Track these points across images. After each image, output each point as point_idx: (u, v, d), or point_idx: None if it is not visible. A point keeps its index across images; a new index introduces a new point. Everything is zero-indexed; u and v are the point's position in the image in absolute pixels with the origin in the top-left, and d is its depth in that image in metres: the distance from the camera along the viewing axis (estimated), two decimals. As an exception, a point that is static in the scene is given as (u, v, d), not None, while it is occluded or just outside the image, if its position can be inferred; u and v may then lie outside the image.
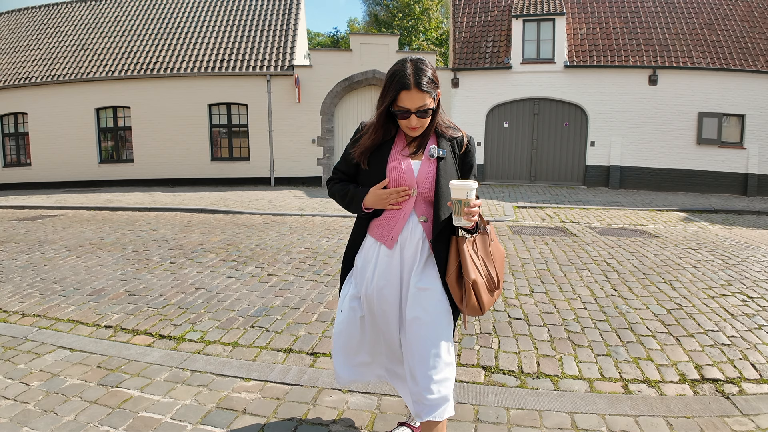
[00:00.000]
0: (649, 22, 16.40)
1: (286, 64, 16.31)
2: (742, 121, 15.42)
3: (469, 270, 1.96)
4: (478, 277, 2.00)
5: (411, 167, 2.04)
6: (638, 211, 11.25)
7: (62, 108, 16.80)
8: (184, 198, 13.13)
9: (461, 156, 2.12)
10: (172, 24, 18.16)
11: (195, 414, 2.73)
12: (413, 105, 1.90)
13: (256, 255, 6.56)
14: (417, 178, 2.02)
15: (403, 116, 1.94)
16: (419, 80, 1.88)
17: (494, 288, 2.07)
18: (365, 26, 39.70)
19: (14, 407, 2.80)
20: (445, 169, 2.02)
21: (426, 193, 2.03)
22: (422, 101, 1.90)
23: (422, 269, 2.06)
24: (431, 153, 2.03)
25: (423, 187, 2.02)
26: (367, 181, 2.08)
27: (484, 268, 2.05)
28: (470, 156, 2.14)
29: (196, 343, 3.75)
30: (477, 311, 2.03)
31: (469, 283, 1.97)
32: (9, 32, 19.54)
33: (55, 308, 4.55)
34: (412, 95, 1.88)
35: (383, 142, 2.07)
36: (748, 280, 5.44)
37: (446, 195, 1.98)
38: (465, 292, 2.00)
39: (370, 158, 2.07)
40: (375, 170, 2.05)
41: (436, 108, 2.02)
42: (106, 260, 6.36)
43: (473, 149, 2.16)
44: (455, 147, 2.10)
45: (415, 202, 2.05)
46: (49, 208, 11.77)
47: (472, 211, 1.86)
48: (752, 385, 3.11)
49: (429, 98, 1.92)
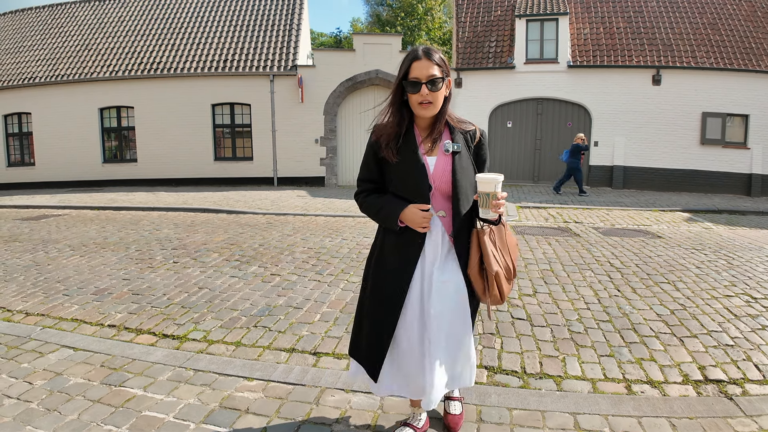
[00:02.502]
0: (653, 21, 16.35)
1: (289, 64, 16.32)
2: (746, 121, 15.37)
3: (491, 262, 2.05)
4: (500, 269, 2.07)
5: (427, 162, 2.10)
6: (641, 211, 11.22)
7: (66, 108, 16.85)
8: (187, 198, 13.15)
9: (475, 149, 2.18)
10: (176, 24, 18.20)
11: (198, 413, 2.74)
12: (423, 74, 1.98)
13: (260, 255, 6.57)
14: (432, 174, 2.09)
15: (415, 89, 2.00)
16: (428, 51, 2.02)
17: (511, 277, 2.15)
18: (368, 26, 39.69)
19: (18, 406, 2.81)
20: (461, 163, 2.10)
21: (443, 188, 2.09)
22: (431, 71, 1.98)
23: (443, 263, 2.15)
24: (446, 148, 2.09)
25: (439, 182, 2.09)
26: (403, 176, 2.11)
27: (503, 259, 2.12)
28: (484, 149, 2.21)
29: (199, 342, 3.76)
30: (498, 301, 2.12)
31: (492, 275, 2.05)
32: (13, 32, 19.61)
33: (59, 307, 4.56)
34: (422, 64, 1.99)
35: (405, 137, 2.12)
36: (751, 280, 5.42)
37: (464, 189, 2.08)
38: (488, 283, 2.08)
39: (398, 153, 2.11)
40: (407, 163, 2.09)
41: (447, 96, 2.10)
42: (110, 260, 6.38)
43: (486, 142, 2.23)
44: (468, 140, 2.16)
45: (432, 198, 2.09)
46: (52, 207, 11.81)
47: (499, 203, 1.97)
48: (755, 386, 3.10)
49: (438, 70, 2.00)
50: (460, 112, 13.84)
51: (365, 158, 2.22)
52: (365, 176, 2.25)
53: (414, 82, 2.00)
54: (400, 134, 2.12)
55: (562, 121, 16.20)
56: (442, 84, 2.03)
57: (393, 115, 2.13)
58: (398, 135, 2.11)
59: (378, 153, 2.15)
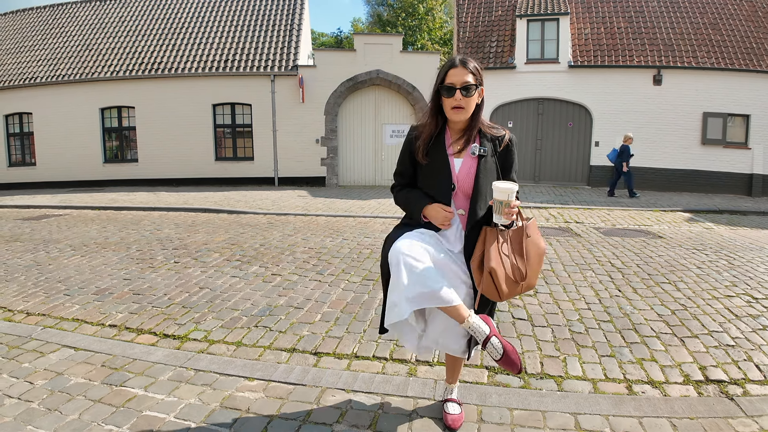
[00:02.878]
0: (654, 21, 16.34)
1: (290, 64, 16.33)
2: (747, 122, 15.36)
3: (490, 258, 2.15)
4: (499, 267, 2.15)
5: (454, 163, 2.29)
6: (642, 211, 11.22)
7: (67, 108, 16.87)
8: (188, 198, 13.16)
9: (502, 153, 2.32)
10: (177, 24, 18.21)
11: (199, 413, 2.74)
12: (458, 80, 2.16)
13: (260, 255, 6.57)
14: (457, 175, 2.27)
15: (449, 93, 2.18)
16: (465, 60, 2.20)
17: (519, 280, 2.20)
18: (369, 26, 39.69)
19: (18, 406, 2.81)
20: (485, 167, 2.26)
21: (465, 188, 2.27)
22: (466, 78, 2.16)
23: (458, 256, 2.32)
24: (473, 151, 2.26)
25: (463, 182, 2.27)
26: (430, 174, 2.31)
27: (512, 261, 2.21)
28: (511, 154, 2.34)
29: (200, 342, 3.76)
30: (494, 297, 2.20)
31: (487, 270, 2.15)
32: (14, 32, 19.63)
33: (60, 307, 4.56)
34: (457, 71, 2.17)
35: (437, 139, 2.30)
36: (752, 280, 5.41)
37: (483, 192, 2.25)
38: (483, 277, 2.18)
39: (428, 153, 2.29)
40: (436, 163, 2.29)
41: (480, 103, 2.27)
42: (111, 260, 6.38)
43: (515, 147, 2.36)
44: (497, 145, 2.30)
45: (455, 196, 2.29)
46: (53, 207, 11.82)
47: (512, 211, 2.11)
48: (756, 386, 3.10)
49: (472, 78, 2.18)
50: (461, 112, 13.81)
51: (401, 154, 2.43)
52: (399, 170, 2.46)
53: (449, 88, 2.17)
54: (432, 136, 2.30)
55: (563, 121, 16.20)
56: (474, 91, 2.18)
57: (430, 118, 2.31)
58: (431, 136, 2.30)
59: (412, 151, 2.34)
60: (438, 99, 2.26)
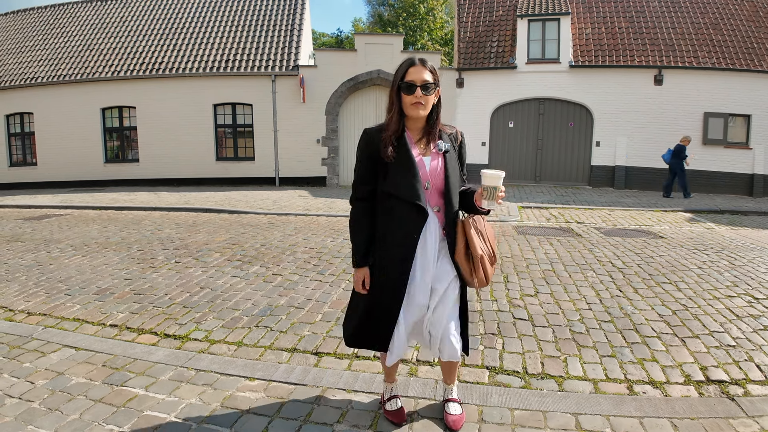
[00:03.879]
0: (655, 21, 16.33)
1: (291, 64, 16.33)
2: (748, 122, 15.34)
3: (476, 247, 2.30)
4: (483, 253, 2.32)
5: (423, 162, 2.33)
6: (643, 211, 11.21)
7: (68, 108, 16.88)
8: (189, 198, 13.16)
9: (458, 148, 2.46)
10: (178, 24, 18.21)
11: (199, 413, 2.74)
12: (418, 77, 2.24)
13: (261, 255, 6.57)
14: (429, 173, 2.32)
15: (410, 90, 2.24)
16: (423, 60, 2.31)
17: (493, 262, 2.39)
18: (370, 26, 39.69)
19: (19, 405, 2.81)
20: (451, 162, 2.37)
21: (437, 185, 2.34)
22: (425, 76, 2.25)
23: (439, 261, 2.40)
24: (440, 147, 2.33)
25: (435, 180, 2.33)
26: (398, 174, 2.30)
27: (485, 245, 2.37)
28: (464, 147, 2.51)
29: (200, 342, 3.77)
30: (483, 283, 2.35)
31: (478, 258, 2.30)
32: (15, 32, 19.64)
33: (61, 307, 4.57)
34: (417, 69, 2.26)
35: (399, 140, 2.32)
36: (753, 281, 5.41)
37: (455, 186, 2.35)
38: (474, 266, 2.32)
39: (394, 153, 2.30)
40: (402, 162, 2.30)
41: (437, 103, 2.35)
42: (112, 259, 6.39)
43: (465, 141, 2.53)
44: (453, 141, 2.43)
45: (428, 194, 2.33)
46: (54, 207, 11.83)
47: (501, 195, 2.19)
48: (757, 386, 3.10)
49: (431, 77, 2.27)
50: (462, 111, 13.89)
51: (358, 160, 2.41)
52: (359, 177, 2.43)
53: (410, 85, 2.25)
54: (398, 131, 2.32)
55: (564, 121, 16.19)
56: (433, 90, 2.28)
57: (393, 115, 2.32)
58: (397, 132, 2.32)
59: (373, 153, 2.33)
60: (398, 97, 2.31)
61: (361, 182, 2.42)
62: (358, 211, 2.45)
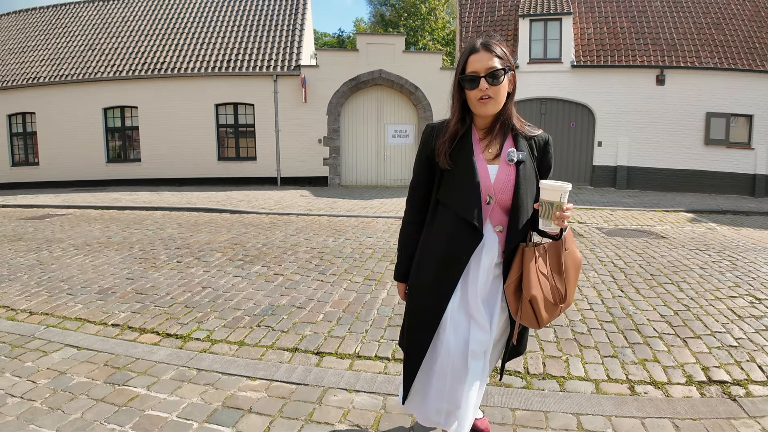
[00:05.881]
0: (657, 21, 16.31)
1: (292, 64, 16.34)
2: (750, 122, 15.32)
3: (530, 285, 1.84)
4: (538, 292, 1.85)
5: (487, 171, 1.88)
6: (645, 211, 11.19)
7: (70, 108, 16.90)
8: (191, 197, 13.17)
9: (539, 157, 1.97)
10: (180, 24, 18.23)
11: (201, 412, 2.74)
12: (482, 66, 1.79)
13: (263, 254, 6.58)
14: (494, 185, 1.86)
15: (473, 84, 1.81)
16: (487, 44, 1.83)
17: (558, 302, 1.90)
18: (371, 26, 39.70)
19: (21, 405, 2.82)
20: (525, 174, 1.87)
21: (503, 201, 1.87)
22: (491, 62, 1.79)
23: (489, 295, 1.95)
24: (510, 157, 1.87)
25: (501, 194, 1.86)
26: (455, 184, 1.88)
27: (551, 281, 1.89)
28: (549, 157, 2.00)
29: (202, 341, 3.77)
30: (533, 325, 1.91)
31: (527, 298, 1.85)
32: (17, 32, 19.67)
33: (63, 307, 4.57)
34: (480, 57, 1.81)
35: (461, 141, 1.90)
36: (755, 281, 5.40)
37: (525, 203, 1.86)
38: (521, 306, 1.88)
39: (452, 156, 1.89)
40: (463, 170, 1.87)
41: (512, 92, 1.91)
42: (114, 259, 6.39)
43: (552, 149, 2.02)
44: (534, 147, 1.95)
45: (492, 210, 1.88)
46: (56, 207, 11.84)
47: (564, 215, 1.73)
48: (759, 387, 3.09)
49: (499, 62, 1.80)
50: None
51: (417, 160, 2.03)
52: (414, 184, 2.05)
53: (472, 78, 1.81)
54: (457, 135, 1.90)
55: (566, 121, 16.18)
56: (503, 77, 1.82)
57: (454, 114, 1.92)
58: (455, 136, 1.90)
59: (430, 154, 1.96)
60: (461, 93, 1.89)
61: (414, 186, 2.04)
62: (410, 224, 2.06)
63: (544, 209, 1.74)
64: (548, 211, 1.73)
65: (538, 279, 1.85)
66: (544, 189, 1.75)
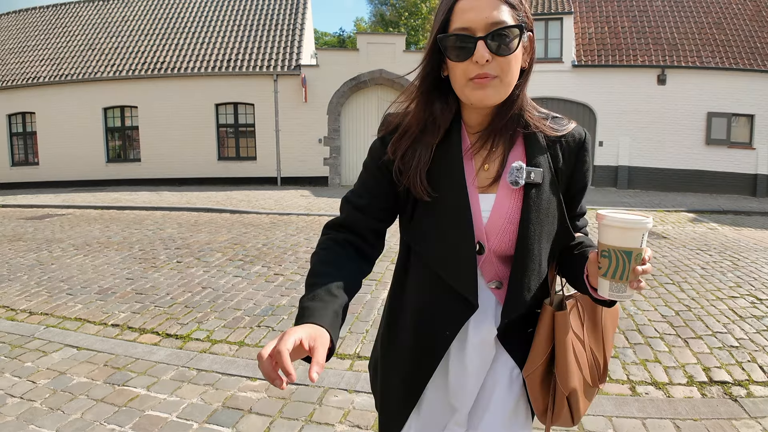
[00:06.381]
0: (658, 21, 16.31)
1: (293, 64, 16.33)
2: (752, 122, 15.30)
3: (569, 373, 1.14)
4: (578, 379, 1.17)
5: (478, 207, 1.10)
6: (647, 211, 11.18)
7: (70, 107, 16.90)
8: (190, 197, 13.17)
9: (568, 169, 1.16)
10: (180, 24, 18.23)
11: (201, 413, 2.74)
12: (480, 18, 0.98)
13: (263, 254, 6.57)
14: (487, 226, 1.10)
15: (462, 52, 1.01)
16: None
17: (598, 382, 1.25)
18: (372, 26, 39.71)
19: (21, 405, 2.81)
20: (538, 205, 1.09)
21: (502, 248, 1.11)
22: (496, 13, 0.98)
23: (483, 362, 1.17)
24: (514, 178, 1.08)
25: (497, 239, 1.10)
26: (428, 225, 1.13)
27: (590, 356, 1.22)
28: (585, 167, 1.18)
29: (202, 342, 3.76)
30: (568, 423, 1.22)
31: (565, 393, 1.15)
32: (17, 32, 19.67)
33: (63, 307, 4.57)
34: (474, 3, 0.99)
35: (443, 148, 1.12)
36: (757, 281, 5.39)
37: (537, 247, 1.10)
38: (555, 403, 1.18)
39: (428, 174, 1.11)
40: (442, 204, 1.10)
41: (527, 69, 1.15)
42: (114, 259, 6.39)
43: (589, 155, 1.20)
44: (561, 154, 1.15)
45: (483, 260, 1.12)
46: (56, 207, 11.84)
47: (646, 269, 0.97)
48: (760, 387, 3.08)
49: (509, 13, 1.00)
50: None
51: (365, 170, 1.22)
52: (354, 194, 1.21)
53: (462, 38, 1.00)
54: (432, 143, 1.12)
55: (566, 121, 16.15)
56: (517, 40, 1.02)
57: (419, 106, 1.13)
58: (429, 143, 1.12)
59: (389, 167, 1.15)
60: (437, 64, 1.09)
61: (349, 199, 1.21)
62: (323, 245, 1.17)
63: (614, 264, 0.97)
64: (622, 266, 0.96)
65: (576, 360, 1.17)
66: (612, 228, 0.96)
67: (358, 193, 1.20)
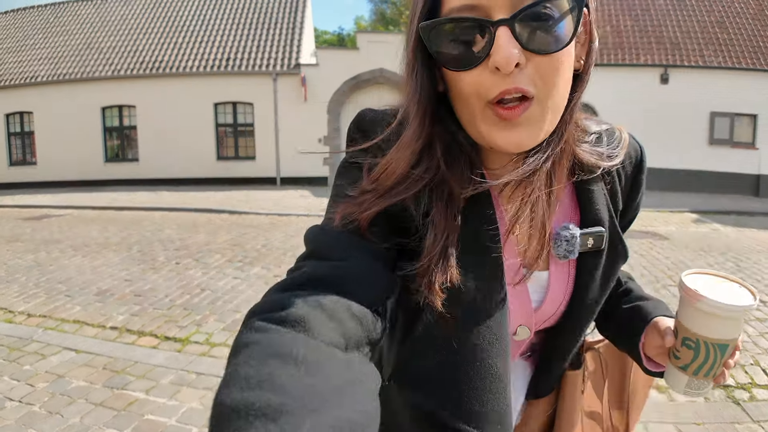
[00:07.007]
0: (660, 20, 16.27)
1: (292, 63, 16.29)
2: (755, 121, 15.26)
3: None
4: None
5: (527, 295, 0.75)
6: (649, 212, 11.16)
7: (68, 107, 16.85)
8: (189, 198, 13.15)
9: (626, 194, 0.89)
10: (178, 22, 18.19)
11: (200, 418, 2.71)
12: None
13: (262, 256, 6.54)
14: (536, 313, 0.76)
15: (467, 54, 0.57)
16: None
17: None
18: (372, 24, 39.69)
19: (20, 409, 2.79)
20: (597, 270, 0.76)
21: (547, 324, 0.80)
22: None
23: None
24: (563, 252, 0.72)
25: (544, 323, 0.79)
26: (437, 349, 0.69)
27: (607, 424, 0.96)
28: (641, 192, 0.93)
29: (201, 345, 3.74)
30: None
31: None
32: (15, 30, 19.63)
33: (61, 309, 4.55)
34: None
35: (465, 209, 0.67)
36: (760, 283, 5.37)
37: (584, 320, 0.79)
38: None
39: None
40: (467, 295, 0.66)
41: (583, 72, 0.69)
42: (112, 260, 6.36)
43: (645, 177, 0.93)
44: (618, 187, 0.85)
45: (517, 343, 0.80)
46: (54, 207, 11.81)
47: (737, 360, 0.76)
48: (763, 391, 3.06)
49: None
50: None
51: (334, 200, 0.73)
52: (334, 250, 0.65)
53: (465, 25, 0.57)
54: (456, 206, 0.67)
55: (567, 121, 16.13)
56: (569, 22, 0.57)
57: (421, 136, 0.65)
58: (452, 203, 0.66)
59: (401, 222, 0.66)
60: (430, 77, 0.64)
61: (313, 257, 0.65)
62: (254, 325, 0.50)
63: (701, 359, 0.71)
64: (712, 361, 0.71)
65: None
66: (713, 316, 0.69)
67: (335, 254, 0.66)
